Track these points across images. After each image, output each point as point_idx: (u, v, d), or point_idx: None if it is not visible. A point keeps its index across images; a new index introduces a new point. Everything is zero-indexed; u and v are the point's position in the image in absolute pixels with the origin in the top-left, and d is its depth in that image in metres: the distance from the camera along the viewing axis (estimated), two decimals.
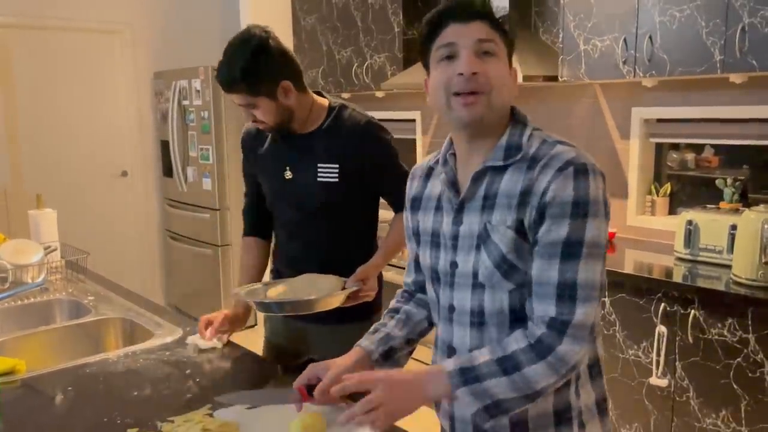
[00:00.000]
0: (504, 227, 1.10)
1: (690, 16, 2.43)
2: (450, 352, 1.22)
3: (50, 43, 4.62)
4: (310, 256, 1.82)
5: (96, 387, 1.53)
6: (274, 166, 1.83)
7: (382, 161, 1.81)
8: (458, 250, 1.16)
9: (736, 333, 2.20)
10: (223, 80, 1.65)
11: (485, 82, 1.09)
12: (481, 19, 1.11)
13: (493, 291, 1.13)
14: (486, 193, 1.13)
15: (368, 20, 3.83)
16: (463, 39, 1.10)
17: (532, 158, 1.10)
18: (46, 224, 2.58)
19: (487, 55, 1.10)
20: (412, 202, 1.31)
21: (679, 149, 3.07)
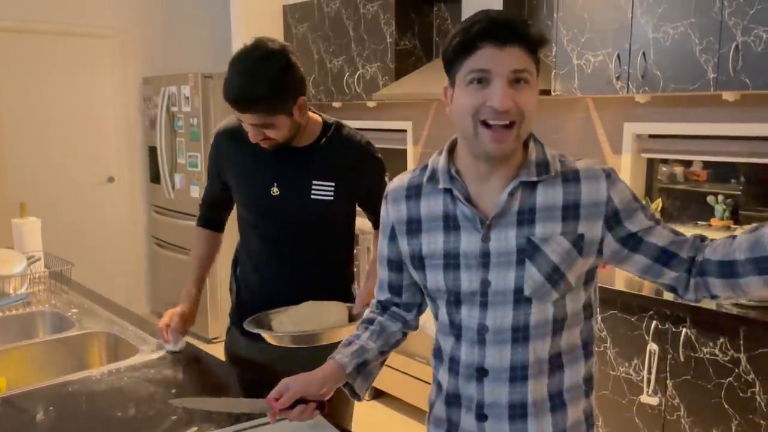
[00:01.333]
0: (559, 238, 1.11)
1: (684, 34, 2.43)
2: (480, 374, 1.17)
3: (38, 46, 4.56)
4: (293, 276, 1.76)
5: (78, 406, 1.48)
6: (257, 180, 1.73)
7: (377, 182, 1.79)
8: (491, 268, 1.13)
9: (728, 352, 2.20)
10: (244, 99, 1.53)
11: (517, 113, 1.06)
12: (518, 43, 1.05)
13: (540, 303, 1.13)
14: (521, 209, 1.13)
15: (360, 30, 3.81)
16: (498, 66, 1.04)
17: (562, 174, 1.14)
18: (29, 234, 2.53)
19: (521, 83, 1.06)
20: (407, 225, 1.23)
21: (668, 162, 3.08)
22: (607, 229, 1.13)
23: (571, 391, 1.18)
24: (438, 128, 3.86)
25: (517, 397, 1.15)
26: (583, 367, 1.19)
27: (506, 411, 1.16)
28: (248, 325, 1.60)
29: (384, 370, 1.34)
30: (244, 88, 1.51)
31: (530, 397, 1.15)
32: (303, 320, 1.58)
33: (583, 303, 1.18)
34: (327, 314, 1.61)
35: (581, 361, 1.19)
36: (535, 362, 1.15)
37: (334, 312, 1.62)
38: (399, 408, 3.49)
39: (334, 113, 4.62)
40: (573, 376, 1.18)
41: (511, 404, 1.16)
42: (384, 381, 3.50)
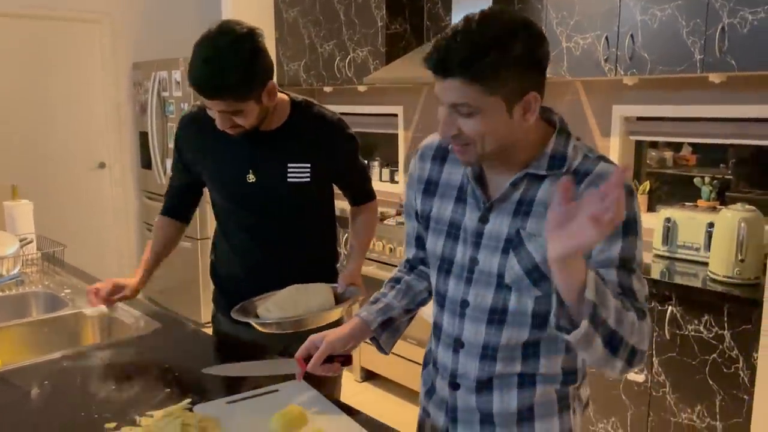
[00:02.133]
0: (542, 239, 1.06)
1: (671, 16, 2.45)
2: (457, 345, 1.21)
3: (27, 31, 4.53)
4: (276, 260, 1.74)
5: (73, 381, 1.50)
6: (232, 168, 1.68)
7: (352, 157, 1.80)
8: (481, 248, 1.16)
9: (712, 329, 2.24)
10: (211, 88, 1.46)
11: (465, 138, 1.06)
12: (457, 76, 1.01)
13: (519, 294, 1.14)
14: (521, 199, 1.12)
15: (351, 14, 3.81)
16: (442, 96, 1.05)
17: (575, 172, 1.09)
18: (21, 216, 2.53)
19: (463, 114, 1.04)
20: (425, 184, 1.26)
21: (658, 147, 3.11)
22: None
23: (544, 377, 1.18)
24: (429, 113, 3.87)
25: (485, 374, 1.19)
26: (563, 358, 1.18)
27: (474, 383, 1.20)
28: (236, 315, 1.58)
29: (376, 352, 1.38)
30: (212, 75, 1.44)
31: (497, 374, 1.18)
32: (288, 304, 1.58)
33: None
34: (312, 297, 1.61)
35: (561, 353, 1.18)
36: (507, 346, 1.16)
37: (319, 294, 1.62)
38: (391, 389, 3.53)
39: (325, 98, 4.64)
40: (549, 366, 1.18)
41: (479, 379, 1.19)
42: (376, 363, 3.54)
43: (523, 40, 1.01)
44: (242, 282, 1.76)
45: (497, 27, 1.01)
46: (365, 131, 4.45)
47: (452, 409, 1.25)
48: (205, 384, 1.47)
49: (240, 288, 1.73)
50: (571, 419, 1.21)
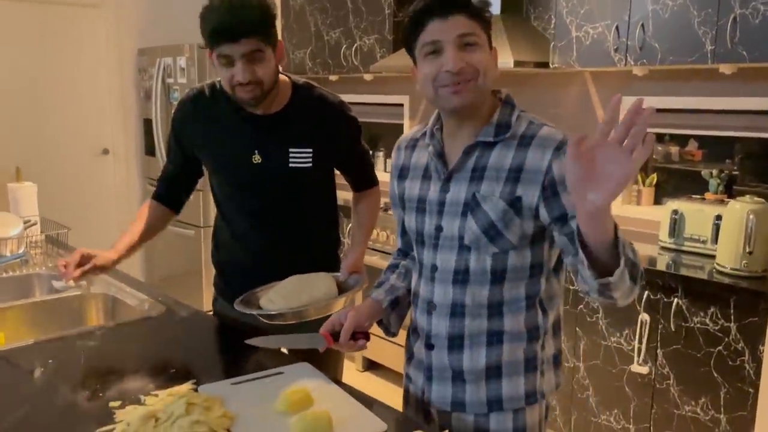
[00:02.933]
0: (495, 198, 1.21)
1: (682, 5, 2.43)
2: (430, 308, 1.32)
3: (32, 15, 4.51)
4: (278, 246, 1.73)
5: (77, 360, 1.50)
6: (237, 148, 1.66)
7: (353, 142, 1.78)
8: (444, 215, 1.27)
9: (718, 322, 2.23)
10: (237, 25, 1.44)
11: (471, 72, 1.18)
12: (460, 12, 1.17)
13: (478, 253, 1.25)
14: (475, 166, 1.24)
15: (358, 1, 3.79)
16: (445, 35, 1.17)
17: (521, 137, 1.22)
18: (25, 198, 2.53)
19: (470, 46, 1.18)
20: (400, 171, 1.39)
21: (664, 142, 3.08)
22: (543, 198, 1.18)
23: (509, 335, 1.28)
24: None
25: (456, 330, 1.29)
26: (524, 316, 1.28)
27: (446, 342, 1.30)
28: (240, 307, 1.56)
29: (377, 342, 1.41)
30: (236, 13, 1.45)
31: (467, 331, 1.28)
32: (291, 294, 1.55)
33: (530, 261, 1.25)
34: (315, 286, 1.58)
35: (523, 311, 1.28)
36: (473, 304, 1.27)
37: (322, 283, 1.60)
38: (392, 379, 3.53)
39: (331, 87, 4.61)
40: (513, 324, 1.27)
41: (450, 336, 1.29)
42: (377, 352, 3.53)
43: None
44: (245, 268, 1.75)
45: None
46: (370, 121, 4.44)
47: (428, 368, 1.34)
48: (210, 365, 1.46)
49: (242, 274, 1.72)
50: (538, 379, 1.31)
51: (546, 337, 1.32)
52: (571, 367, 2.67)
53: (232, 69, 1.50)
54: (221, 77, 1.57)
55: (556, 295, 1.33)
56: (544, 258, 1.28)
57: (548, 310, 1.31)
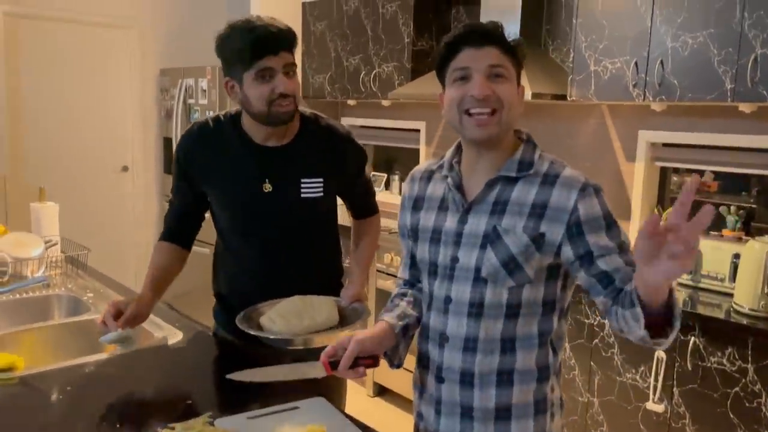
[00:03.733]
0: (519, 231, 1.23)
1: (703, 44, 2.44)
2: (442, 340, 1.31)
3: (58, 34, 4.61)
4: (285, 277, 1.71)
5: (94, 388, 1.51)
6: (247, 177, 1.66)
7: (360, 171, 1.80)
8: (461, 247, 1.28)
9: (735, 362, 2.20)
10: (280, 32, 1.54)
11: (496, 101, 1.22)
12: (494, 44, 1.23)
13: (495, 286, 1.25)
14: (497, 199, 1.26)
15: (378, 29, 3.84)
16: (476, 63, 1.22)
17: (544, 175, 1.26)
18: (47, 218, 2.56)
19: (498, 78, 1.22)
20: (414, 202, 1.40)
21: (680, 172, 3.08)
22: (568, 237, 1.22)
23: (521, 374, 1.28)
24: (451, 129, 3.86)
25: (467, 366, 1.28)
26: (536, 354, 1.29)
27: (458, 376, 1.29)
28: (241, 324, 1.54)
29: (388, 368, 1.39)
30: (275, 25, 1.54)
31: (477, 369, 1.28)
32: (293, 316, 1.54)
33: (542, 297, 1.27)
34: (317, 310, 1.57)
35: (535, 349, 1.29)
36: (486, 339, 1.27)
37: (324, 308, 1.58)
38: (403, 405, 3.51)
39: (349, 111, 4.66)
40: (524, 362, 1.28)
41: (462, 371, 1.29)
42: (388, 378, 3.52)
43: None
44: (250, 298, 1.70)
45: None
46: (387, 145, 4.47)
47: (437, 401, 1.34)
48: (227, 397, 1.47)
49: (247, 304, 1.68)
50: (547, 423, 1.31)
51: (554, 378, 1.33)
52: (585, 401, 2.64)
53: (272, 83, 1.54)
54: (256, 95, 1.56)
55: (563, 338, 1.35)
56: (557, 296, 1.30)
57: (557, 351, 1.33)
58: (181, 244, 1.81)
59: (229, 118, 1.72)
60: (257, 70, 1.54)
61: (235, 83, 1.60)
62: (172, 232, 1.80)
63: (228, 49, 1.57)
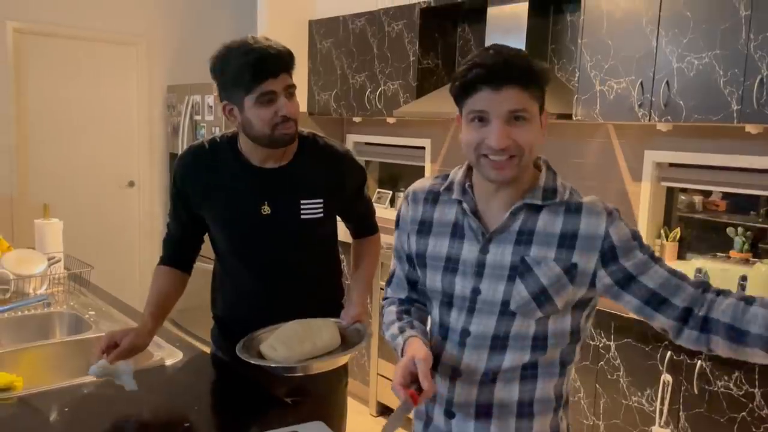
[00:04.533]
0: (551, 262, 1.17)
1: (708, 65, 2.43)
2: (454, 374, 1.24)
3: (65, 51, 4.65)
4: (286, 301, 1.69)
5: (93, 409, 1.50)
6: (245, 199, 1.63)
7: (360, 190, 1.78)
8: (484, 278, 1.21)
9: (743, 387, 2.17)
10: (282, 54, 1.51)
11: (516, 148, 1.14)
12: (515, 84, 1.12)
13: (523, 319, 1.19)
14: (521, 229, 1.20)
15: (384, 47, 3.85)
16: (494, 107, 1.12)
17: (567, 204, 1.20)
18: (51, 234, 2.57)
19: (518, 120, 1.13)
20: (420, 225, 1.31)
21: (687, 192, 3.06)
22: (602, 264, 1.17)
23: (540, 403, 1.24)
24: (456, 147, 3.87)
25: (484, 398, 1.23)
26: (555, 383, 1.25)
27: (473, 410, 1.23)
28: (242, 354, 1.50)
29: (389, 386, 1.35)
30: (273, 47, 1.51)
31: (496, 400, 1.22)
32: (294, 341, 1.50)
33: (570, 327, 1.23)
34: (318, 334, 1.53)
35: (555, 378, 1.25)
36: (508, 370, 1.21)
37: (325, 331, 1.55)
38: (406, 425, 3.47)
39: (355, 128, 4.66)
40: (544, 391, 1.24)
41: (478, 404, 1.23)
42: (390, 396, 3.49)
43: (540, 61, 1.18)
44: (248, 322, 1.65)
45: (518, 49, 1.17)
46: (392, 162, 4.47)
47: (426, 424, 1.29)
48: (225, 420, 1.45)
49: (246, 328, 1.64)
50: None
51: (565, 407, 1.30)
52: (590, 425, 2.61)
53: (274, 105, 1.51)
54: (259, 118, 1.53)
55: (574, 361, 1.31)
56: (582, 326, 1.26)
57: (567, 376, 1.29)
58: (181, 268, 1.77)
59: (226, 140, 1.68)
60: (259, 93, 1.51)
61: (234, 107, 1.56)
62: (171, 257, 1.76)
63: (226, 72, 1.54)
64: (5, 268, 2.27)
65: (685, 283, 1.16)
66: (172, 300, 1.73)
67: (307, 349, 1.50)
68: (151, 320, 1.63)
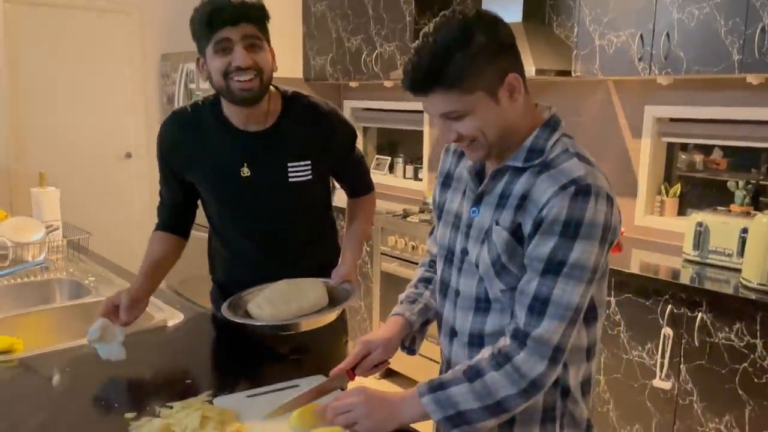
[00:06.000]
0: (501, 228, 1.11)
1: (709, 14, 2.39)
2: (452, 335, 1.25)
3: (57, 20, 4.58)
4: (280, 264, 1.67)
5: (93, 369, 1.50)
6: (224, 162, 1.60)
7: (350, 149, 1.74)
8: (470, 239, 1.19)
9: (744, 338, 2.17)
10: (242, 3, 1.45)
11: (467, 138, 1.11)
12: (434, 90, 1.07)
13: (490, 285, 1.16)
14: (503, 191, 1.13)
15: (380, 8, 3.78)
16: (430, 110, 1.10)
17: (547, 165, 1.10)
18: (48, 203, 2.55)
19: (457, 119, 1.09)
20: (444, 178, 1.30)
21: (688, 150, 3.03)
22: (529, 236, 1.08)
23: None
24: None
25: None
26: None
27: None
28: (227, 313, 1.50)
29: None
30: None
31: None
32: (281, 300, 1.50)
33: None
34: (304, 293, 1.52)
35: None
36: (492, 333, 1.17)
37: (312, 290, 1.54)
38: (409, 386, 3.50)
39: (351, 93, 4.61)
40: None
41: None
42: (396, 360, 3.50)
43: (482, 31, 1.05)
44: (245, 285, 1.65)
45: (453, 30, 1.05)
46: (390, 127, 4.43)
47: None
48: (226, 376, 1.46)
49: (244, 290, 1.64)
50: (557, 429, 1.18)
51: (570, 395, 1.18)
52: None
53: (229, 56, 1.46)
54: (214, 69, 1.49)
55: (581, 349, 1.17)
56: None
57: (568, 365, 1.15)
58: (177, 233, 1.74)
59: (209, 103, 1.64)
60: (215, 41, 1.47)
61: (204, 60, 1.53)
62: (166, 224, 1.74)
63: (193, 23, 1.51)
64: (3, 236, 2.26)
65: (519, 312, 1.08)
66: (168, 263, 1.69)
67: (293, 309, 1.49)
68: (144, 279, 1.61)
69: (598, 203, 1.05)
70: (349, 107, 4.57)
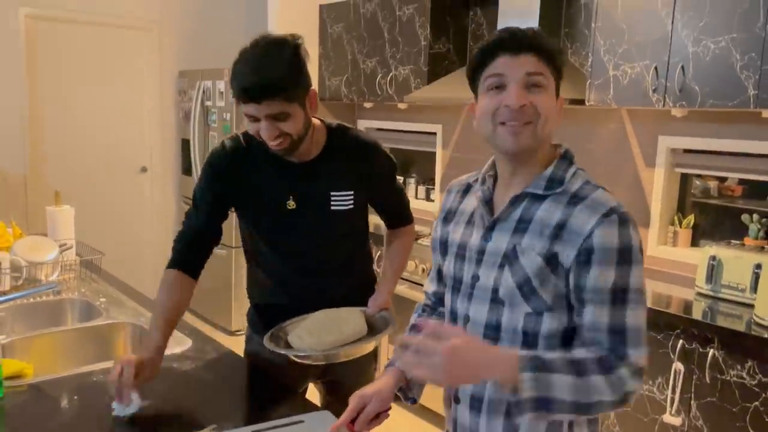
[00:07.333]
0: (533, 253, 1.14)
1: (725, 49, 2.38)
2: None
3: (77, 36, 4.66)
4: (318, 288, 1.72)
5: (102, 397, 1.51)
6: (271, 194, 1.66)
7: (390, 181, 1.80)
8: (482, 265, 1.20)
9: (756, 376, 2.15)
10: (263, 85, 1.44)
11: (533, 113, 1.13)
12: (531, 52, 1.14)
13: (511, 310, 1.17)
14: (521, 217, 1.18)
15: (395, 32, 3.81)
16: (512, 71, 1.13)
17: (573, 195, 1.15)
18: (63, 221, 2.58)
19: (536, 87, 1.14)
20: (446, 215, 1.34)
21: (702, 177, 3.01)
22: (576, 265, 1.11)
23: None
24: (468, 133, 3.84)
25: (478, 389, 1.22)
26: None
27: (468, 400, 1.24)
28: (269, 345, 1.54)
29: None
30: (263, 71, 1.44)
31: (487, 394, 1.21)
32: (321, 331, 1.54)
33: (565, 325, 1.15)
34: (344, 323, 1.57)
35: None
36: None
37: (352, 319, 1.59)
38: (418, 412, 3.48)
39: (366, 113, 4.64)
40: None
41: (473, 395, 1.22)
42: None
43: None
44: (284, 310, 1.69)
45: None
46: (403, 148, 4.44)
47: (453, 421, 1.30)
48: (232, 409, 1.46)
49: (282, 315, 1.68)
50: None
51: (577, 421, 1.19)
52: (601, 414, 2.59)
53: (258, 124, 1.51)
54: (249, 128, 1.55)
55: None
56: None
57: None
58: (190, 274, 1.68)
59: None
60: (244, 112, 1.52)
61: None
62: (183, 259, 1.69)
63: (230, 81, 1.54)
64: (17, 255, 2.29)
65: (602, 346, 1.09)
66: (182, 313, 1.67)
67: (333, 338, 1.53)
68: (161, 338, 1.56)
69: (636, 229, 1.13)
70: (363, 127, 4.59)
